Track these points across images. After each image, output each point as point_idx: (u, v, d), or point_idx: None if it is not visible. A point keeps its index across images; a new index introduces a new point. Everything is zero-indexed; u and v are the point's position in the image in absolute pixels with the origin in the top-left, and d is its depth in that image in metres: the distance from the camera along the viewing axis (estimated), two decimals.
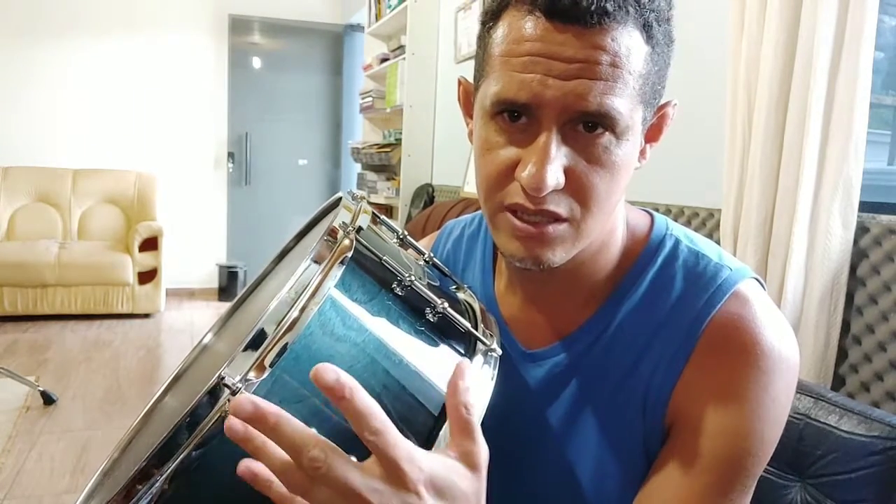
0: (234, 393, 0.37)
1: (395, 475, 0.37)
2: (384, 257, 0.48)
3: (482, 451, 0.42)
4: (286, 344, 0.40)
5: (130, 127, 4.92)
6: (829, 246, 1.35)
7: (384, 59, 3.97)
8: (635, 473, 0.57)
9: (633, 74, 0.48)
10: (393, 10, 3.72)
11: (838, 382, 1.40)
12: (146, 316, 4.43)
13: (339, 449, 0.37)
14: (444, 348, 0.49)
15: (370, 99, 4.14)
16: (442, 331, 0.50)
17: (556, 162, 0.49)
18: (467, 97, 0.61)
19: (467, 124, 0.60)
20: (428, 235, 0.81)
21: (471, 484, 0.41)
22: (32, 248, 4.20)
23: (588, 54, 0.47)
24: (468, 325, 0.50)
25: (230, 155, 5.22)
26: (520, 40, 0.49)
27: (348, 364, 0.43)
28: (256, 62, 5.28)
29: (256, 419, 0.36)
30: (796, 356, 0.55)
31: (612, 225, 0.59)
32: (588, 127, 0.49)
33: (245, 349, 0.39)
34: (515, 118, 0.50)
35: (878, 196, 1.47)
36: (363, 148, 4.23)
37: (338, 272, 0.44)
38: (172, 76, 4.98)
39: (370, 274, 0.47)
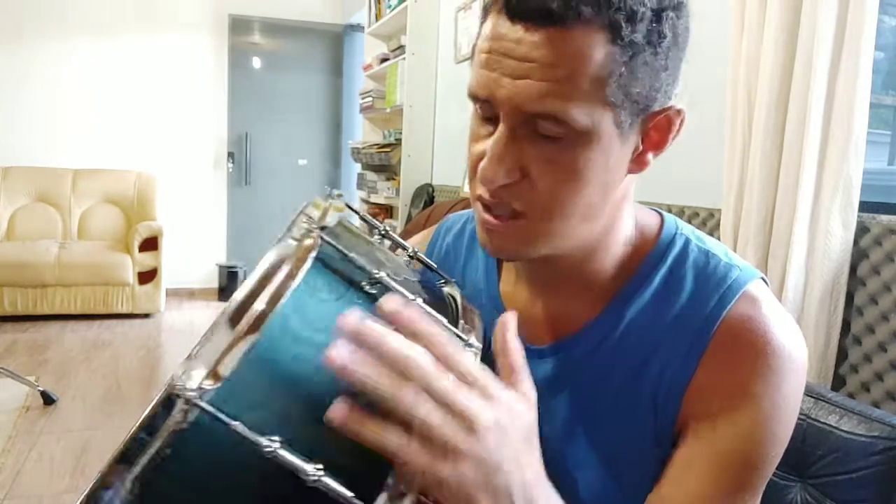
0: (187, 403, 0.36)
1: (484, 392, 0.41)
2: (351, 254, 0.46)
3: (532, 390, 0.47)
4: (247, 349, 0.38)
5: (130, 127, 4.92)
6: (829, 246, 1.35)
7: (384, 59, 3.97)
8: (645, 473, 0.57)
9: (589, 77, 0.47)
10: (393, 10, 3.72)
11: (838, 382, 1.40)
12: (146, 316, 4.43)
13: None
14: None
15: (370, 99, 4.14)
16: None
17: (508, 157, 0.50)
18: None
19: None
20: (425, 230, 0.80)
21: (531, 416, 0.45)
22: (32, 248, 4.20)
23: (538, 54, 0.47)
24: (445, 320, 0.49)
25: (230, 155, 5.22)
26: (486, 38, 0.50)
27: (312, 367, 0.41)
28: (256, 62, 5.28)
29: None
30: (805, 356, 0.55)
31: (610, 225, 0.58)
32: (543, 131, 0.49)
33: (200, 355, 0.38)
34: (486, 114, 0.52)
35: (878, 196, 1.47)
36: (363, 148, 4.22)
37: (300, 272, 0.42)
38: (172, 76, 4.98)
39: (337, 272, 0.46)
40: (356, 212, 0.56)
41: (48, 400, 2.81)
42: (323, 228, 0.46)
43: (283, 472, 0.38)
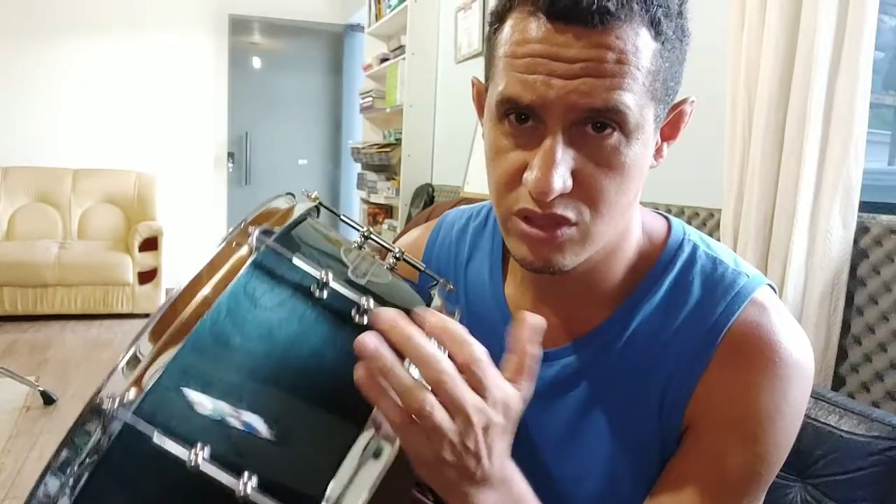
0: (109, 414, 0.35)
1: (484, 395, 0.42)
2: (295, 259, 0.43)
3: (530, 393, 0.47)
4: (170, 359, 0.37)
5: (130, 127, 4.91)
6: (829, 246, 1.35)
7: (384, 59, 3.97)
8: (649, 478, 0.57)
9: (642, 71, 0.47)
10: (393, 9, 3.72)
11: (838, 382, 1.40)
12: (146, 316, 4.43)
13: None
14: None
15: (370, 99, 4.14)
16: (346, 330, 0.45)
17: (562, 165, 0.48)
18: (480, 97, 0.59)
19: (482, 124, 0.60)
20: (423, 225, 0.78)
21: (519, 408, 0.46)
22: (32, 248, 4.19)
23: (592, 53, 0.46)
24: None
25: (230, 155, 5.22)
26: (522, 42, 0.48)
27: (245, 375, 0.39)
28: (256, 62, 5.28)
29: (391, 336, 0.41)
30: (811, 363, 0.55)
31: (626, 227, 0.58)
32: (596, 127, 0.48)
33: (126, 364, 0.36)
34: (522, 121, 0.50)
35: (878, 196, 1.47)
36: (363, 148, 4.22)
37: (234, 278, 0.40)
38: (172, 76, 4.98)
39: (277, 278, 0.43)
40: (335, 213, 0.54)
41: (48, 400, 2.81)
42: (267, 233, 0.44)
43: (213, 486, 0.36)
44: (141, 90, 4.91)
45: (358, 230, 0.54)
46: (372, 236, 0.54)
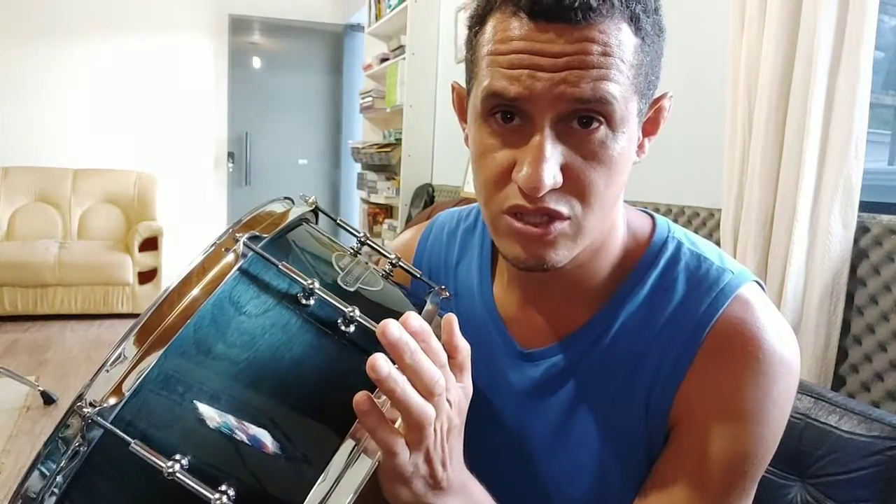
0: (88, 420, 0.35)
1: (447, 396, 0.45)
2: (284, 265, 0.43)
3: (470, 385, 0.49)
4: (154, 362, 0.37)
5: (130, 127, 4.91)
6: (829, 246, 1.35)
7: (384, 59, 3.97)
8: (637, 476, 0.57)
9: (626, 64, 0.48)
10: (393, 9, 3.72)
11: (838, 382, 1.40)
12: None
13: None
14: (355, 358, 0.43)
15: (370, 99, 4.14)
16: (357, 341, 0.44)
17: (552, 160, 0.48)
18: (461, 102, 0.60)
19: (463, 129, 0.60)
20: (414, 226, 0.78)
21: (465, 410, 0.49)
22: (32, 248, 4.19)
23: (576, 48, 0.47)
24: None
25: (230, 155, 5.22)
26: (506, 41, 0.49)
27: (227, 383, 0.39)
28: (256, 62, 5.28)
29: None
30: (797, 359, 0.55)
31: (612, 223, 0.58)
32: (583, 122, 0.49)
33: (107, 369, 0.36)
34: (508, 119, 0.50)
35: (878, 196, 1.47)
36: (363, 148, 4.22)
37: (220, 285, 0.40)
38: (172, 76, 4.98)
39: (263, 285, 0.43)
40: (332, 218, 0.54)
41: (48, 400, 2.81)
42: (256, 238, 0.43)
43: (189, 496, 0.36)
44: (141, 90, 4.91)
45: (355, 235, 0.54)
46: (368, 241, 0.54)
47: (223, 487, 0.36)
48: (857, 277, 1.37)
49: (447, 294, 0.56)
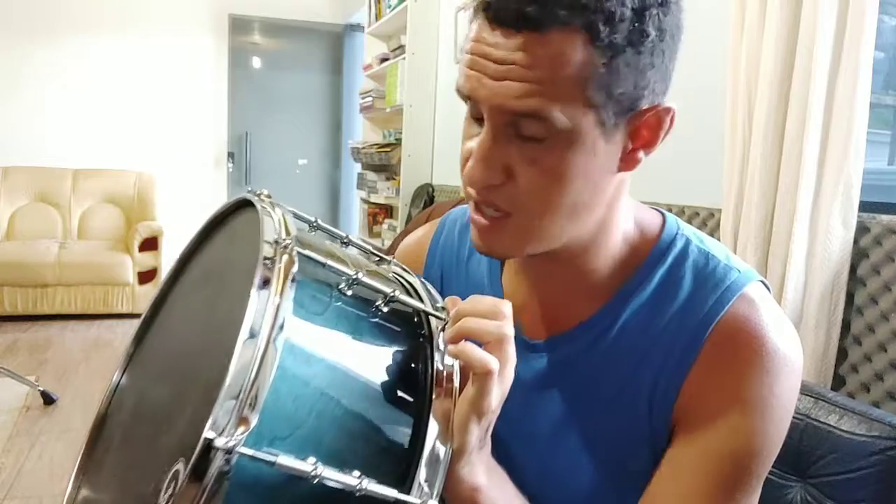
0: (228, 452, 0.36)
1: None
2: (328, 262, 0.46)
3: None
4: (258, 391, 0.37)
5: (130, 127, 4.91)
6: (829, 246, 1.35)
7: (384, 59, 3.97)
8: (640, 469, 0.57)
9: (568, 78, 0.47)
10: (393, 9, 3.72)
11: (838, 382, 1.40)
12: None
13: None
14: (400, 339, 0.50)
15: (370, 99, 4.14)
16: (393, 320, 0.49)
17: (493, 159, 0.51)
18: None
19: None
20: (428, 223, 0.80)
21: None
22: (32, 248, 4.19)
23: (516, 57, 0.47)
24: (425, 303, 0.52)
25: (230, 155, 5.22)
26: (470, 39, 0.51)
27: (326, 380, 0.43)
28: (256, 62, 5.28)
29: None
30: (800, 358, 0.55)
31: (601, 224, 0.58)
32: (526, 131, 0.49)
33: (224, 402, 0.36)
34: (476, 113, 0.53)
35: (878, 196, 1.47)
36: (363, 148, 4.22)
37: (290, 294, 0.41)
38: (172, 76, 4.98)
39: (318, 282, 0.46)
40: (309, 222, 0.56)
41: (48, 400, 2.81)
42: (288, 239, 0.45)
43: (330, 492, 0.39)
44: (141, 90, 4.91)
45: (338, 237, 0.56)
46: (352, 241, 0.57)
47: (356, 474, 0.40)
48: (857, 277, 1.37)
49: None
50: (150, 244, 4.35)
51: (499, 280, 0.68)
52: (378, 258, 0.59)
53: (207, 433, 0.35)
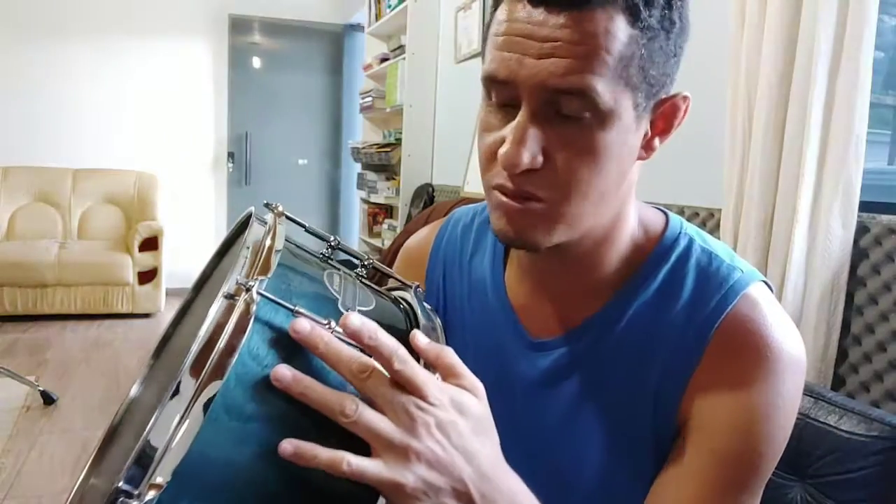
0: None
1: (421, 394, 0.43)
2: (297, 306, 0.42)
3: (477, 382, 0.47)
4: (183, 453, 0.36)
5: (130, 127, 4.92)
6: (829, 246, 1.35)
7: (384, 59, 3.97)
8: (644, 469, 0.58)
9: (613, 56, 0.48)
10: (393, 9, 3.72)
11: (838, 382, 1.40)
12: (146, 316, 4.43)
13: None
14: None
15: (370, 99, 4.14)
16: None
17: (531, 141, 0.49)
18: None
19: None
20: (432, 223, 0.80)
21: (481, 407, 0.47)
22: (32, 248, 4.20)
23: (562, 34, 0.47)
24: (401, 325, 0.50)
25: (230, 155, 5.22)
26: (503, 21, 0.51)
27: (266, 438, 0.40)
28: (256, 62, 5.28)
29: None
30: (804, 357, 0.55)
31: (618, 216, 0.58)
32: (566, 110, 0.49)
33: (133, 464, 0.35)
34: (504, 99, 0.52)
35: (878, 196, 1.47)
36: (363, 148, 4.22)
37: (244, 341, 0.39)
38: (172, 76, 4.98)
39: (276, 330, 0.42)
40: (302, 225, 0.54)
41: (48, 400, 2.81)
42: (261, 283, 0.41)
43: None
44: (141, 90, 4.91)
45: (325, 240, 0.54)
46: (340, 246, 0.55)
47: None
48: (856, 277, 1.37)
49: (422, 289, 0.57)
50: (151, 244, 4.35)
51: (501, 278, 0.68)
52: (401, 285, 0.57)
53: (119, 484, 0.35)
